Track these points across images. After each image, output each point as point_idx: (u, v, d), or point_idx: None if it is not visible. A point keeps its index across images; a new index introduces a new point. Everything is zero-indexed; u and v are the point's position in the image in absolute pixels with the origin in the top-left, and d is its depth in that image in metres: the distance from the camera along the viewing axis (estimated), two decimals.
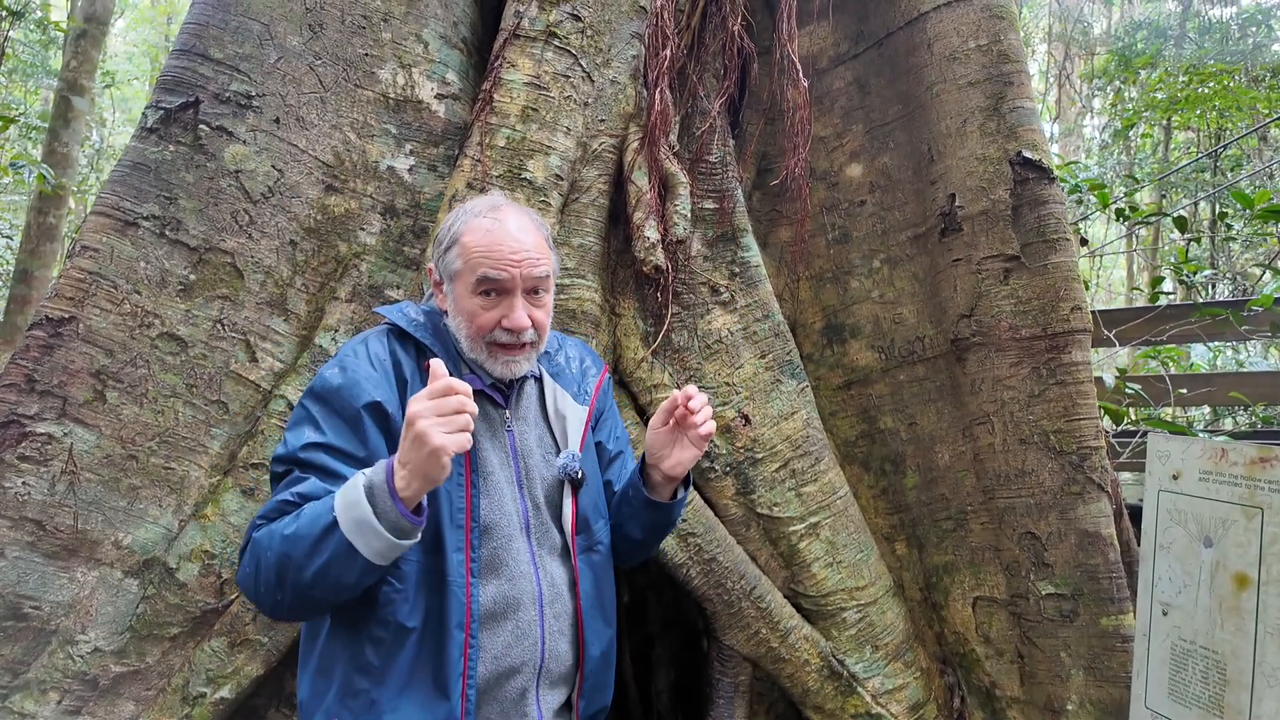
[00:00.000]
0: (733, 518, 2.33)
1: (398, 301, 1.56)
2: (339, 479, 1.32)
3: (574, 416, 1.59)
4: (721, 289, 2.38)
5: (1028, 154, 2.24)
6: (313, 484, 1.34)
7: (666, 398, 2.31)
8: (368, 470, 1.27)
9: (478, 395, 1.42)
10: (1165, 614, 1.53)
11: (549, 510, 1.52)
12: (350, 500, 1.23)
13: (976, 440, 2.31)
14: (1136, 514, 2.09)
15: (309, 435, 1.37)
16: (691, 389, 1.51)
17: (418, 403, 1.21)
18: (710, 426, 1.51)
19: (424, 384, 1.33)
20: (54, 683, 1.80)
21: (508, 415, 1.51)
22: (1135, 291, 10.73)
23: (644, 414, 2.34)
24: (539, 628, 1.45)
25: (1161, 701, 1.52)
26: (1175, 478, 1.53)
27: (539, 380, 1.59)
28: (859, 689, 2.27)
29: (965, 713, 2.34)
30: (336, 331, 2.11)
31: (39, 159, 6.14)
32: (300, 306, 2.13)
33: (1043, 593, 2.16)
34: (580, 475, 1.52)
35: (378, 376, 1.42)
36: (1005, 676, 2.25)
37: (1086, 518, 2.11)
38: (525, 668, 1.43)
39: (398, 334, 1.50)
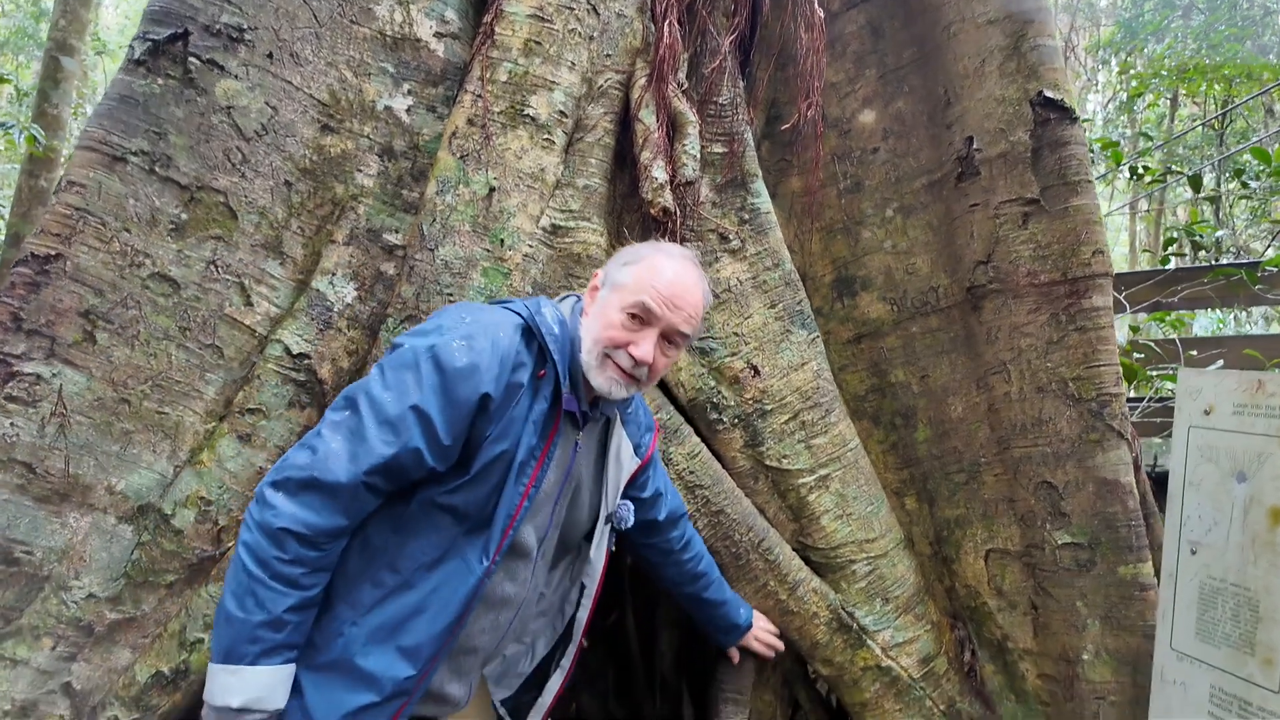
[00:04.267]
0: (741, 470, 2.28)
1: (538, 298, 1.63)
2: (417, 455, 1.41)
3: (627, 469, 1.74)
4: (730, 236, 2.31)
5: (1049, 93, 2.16)
6: (389, 454, 1.40)
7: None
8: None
9: (567, 414, 1.55)
10: (1194, 553, 1.48)
11: (568, 537, 1.70)
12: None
13: (992, 390, 2.26)
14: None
15: (414, 395, 1.41)
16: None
17: None
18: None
19: (532, 396, 1.50)
20: (47, 629, 1.75)
21: (580, 438, 1.60)
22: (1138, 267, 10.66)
23: None
24: (505, 630, 1.65)
25: (1188, 642, 1.48)
26: (1207, 413, 1.48)
27: (609, 421, 1.70)
28: (869, 642, 2.23)
29: (976, 666, 2.30)
30: (334, 275, 2.04)
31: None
32: (296, 250, 2.05)
33: (1059, 542, 2.11)
34: (624, 527, 1.75)
35: (496, 373, 1.46)
36: (1018, 629, 2.21)
37: (1105, 465, 2.06)
38: (480, 652, 1.62)
39: (526, 333, 1.54)
